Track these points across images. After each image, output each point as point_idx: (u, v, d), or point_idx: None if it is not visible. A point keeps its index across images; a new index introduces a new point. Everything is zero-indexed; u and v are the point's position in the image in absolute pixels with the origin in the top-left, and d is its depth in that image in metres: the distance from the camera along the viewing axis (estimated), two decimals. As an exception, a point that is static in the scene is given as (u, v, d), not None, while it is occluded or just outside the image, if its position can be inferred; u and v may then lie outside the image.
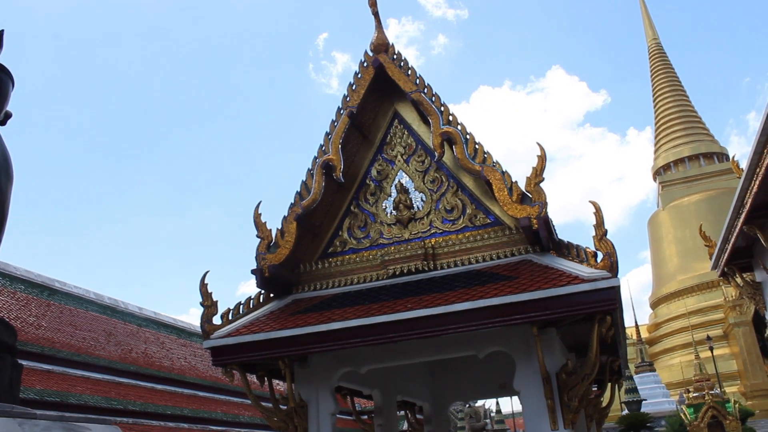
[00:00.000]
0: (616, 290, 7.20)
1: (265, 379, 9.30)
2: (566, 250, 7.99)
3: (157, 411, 20.26)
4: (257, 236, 9.09)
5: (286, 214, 9.01)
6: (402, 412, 13.88)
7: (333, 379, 8.85)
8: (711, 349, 39.19)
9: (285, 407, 8.79)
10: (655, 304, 56.32)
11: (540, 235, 7.98)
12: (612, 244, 7.35)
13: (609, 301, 7.14)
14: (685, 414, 20.49)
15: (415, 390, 12.40)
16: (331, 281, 9.16)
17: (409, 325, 7.49)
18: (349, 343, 7.87)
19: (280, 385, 9.67)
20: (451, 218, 8.94)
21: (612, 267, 7.18)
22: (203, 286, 8.78)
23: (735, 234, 12.75)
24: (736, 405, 22.39)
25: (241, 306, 9.02)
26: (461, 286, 7.78)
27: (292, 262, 9.15)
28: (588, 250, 7.60)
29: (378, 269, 8.90)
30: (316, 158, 9.19)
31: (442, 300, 7.50)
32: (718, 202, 43.93)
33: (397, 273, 8.67)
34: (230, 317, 8.83)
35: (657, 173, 59.10)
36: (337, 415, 9.18)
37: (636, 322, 44.87)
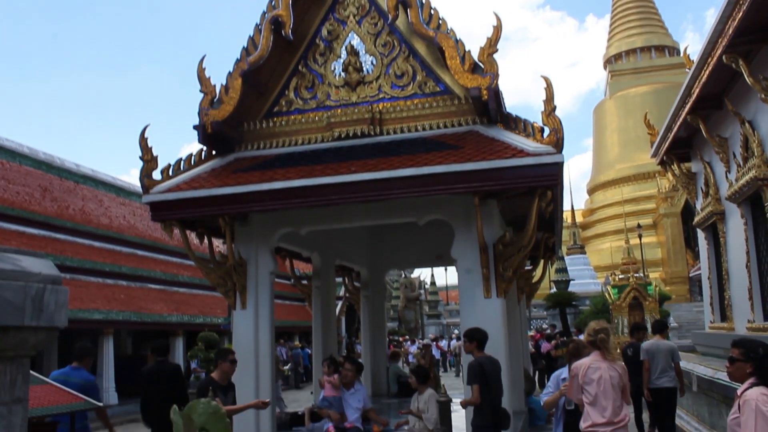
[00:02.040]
0: (559, 166, 7.27)
1: (205, 236, 9.27)
2: (513, 123, 7.94)
3: (95, 268, 20.24)
4: (201, 91, 8.76)
5: (231, 70, 8.66)
6: (340, 279, 14.18)
7: (273, 239, 8.88)
8: (640, 236, 40.88)
9: (224, 265, 8.83)
10: (592, 191, 58.00)
11: (489, 106, 7.89)
12: (559, 121, 7.35)
13: (552, 176, 7.22)
14: (609, 294, 21.53)
15: (353, 255, 12.60)
16: (275, 141, 8.98)
17: (352, 189, 7.48)
18: (291, 204, 7.84)
19: (219, 247, 9.68)
20: (401, 84, 8.74)
21: (557, 143, 7.21)
22: (143, 139, 8.52)
23: (678, 123, 12.93)
24: (657, 289, 23.57)
25: (182, 162, 8.82)
26: (406, 153, 7.73)
27: (235, 120, 8.91)
28: (535, 125, 7.58)
29: (323, 131, 8.74)
30: (265, 13, 8.75)
31: (387, 165, 7.46)
32: (664, 96, 44.36)
33: (343, 136, 8.53)
34: (170, 173, 8.65)
35: (608, 62, 59.18)
36: (276, 279, 9.28)
37: (572, 206, 46.18)
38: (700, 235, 14.84)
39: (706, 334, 14.82)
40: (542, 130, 7.46)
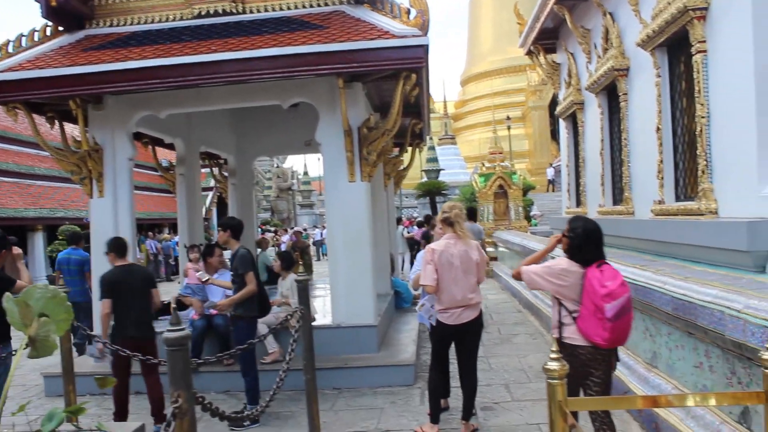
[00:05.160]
0: (424, 49, 7.22)
1: (56, 121, 8.67)
2: (380, 4, 7.78)
3: (-63, 159, 18.69)
4: (43, -42, 7.97)
5: (78, -66, 7.91)
6: (208, 170, 13.83)
7: (130, 123, 8.43)
8: (509, 128, 42.24)
9: (78, 151, 8.35)
10: (464, 82, 58.89)
11: (356, -14, 7.68)
12: (426, 2, 7.25)
13: (416, 59, 7.17)
14: (476, 182, 22.27)
15: (219, 141, 12.23)
16: (129, 17, 8.37)
17: (213, 69, 7.14)
18: (148, 85, 7.41)
19: (75, 134, 9.10)
20: (264, -41, 8.29)
21: (423, 25, 7.14)
22: (-23, 12, 7.71)
23: (546, 13, 13.13)
24: (521, 178, 24.62)
25: (24, 38, 8.10)
26: (270, 32, 7.43)
27: (84, -7, 8.23)
28: (402, 7, 7.46)
29: (182, 8, 8.21)
30: None
31: (249, 44, 7.16)
32: (536, -12, 44.86)
33: (203, 14, 8.06)
34: (10, 50, 7.94)
35: (484, -48, 58.81)
36: (141, 170, 8.89)
37: (444, 97, 46.85)
38: (562, 124, 15.43)
39: (562, 219, 15.69)
40: (408, 12, 7.36)
